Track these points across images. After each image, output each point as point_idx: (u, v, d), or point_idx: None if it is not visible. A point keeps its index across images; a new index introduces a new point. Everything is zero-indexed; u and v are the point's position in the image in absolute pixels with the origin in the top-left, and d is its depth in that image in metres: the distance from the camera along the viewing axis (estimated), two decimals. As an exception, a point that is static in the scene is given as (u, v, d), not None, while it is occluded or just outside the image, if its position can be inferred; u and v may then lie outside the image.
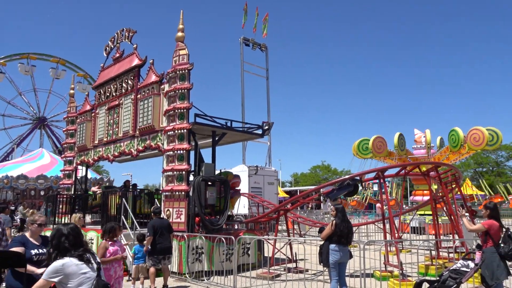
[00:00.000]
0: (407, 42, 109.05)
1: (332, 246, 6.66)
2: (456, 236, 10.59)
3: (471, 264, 5.96)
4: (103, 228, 6.06)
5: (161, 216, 8.95)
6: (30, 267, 4.12)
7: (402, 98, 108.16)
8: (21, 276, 4.10)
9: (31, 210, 10.11)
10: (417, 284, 6.24)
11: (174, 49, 11.26)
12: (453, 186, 11.77)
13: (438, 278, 6.17)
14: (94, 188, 14.15)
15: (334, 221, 6.82)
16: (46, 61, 45.82)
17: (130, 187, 13.96)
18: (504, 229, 5.98)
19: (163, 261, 8.36)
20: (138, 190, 14.14)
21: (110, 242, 5.94)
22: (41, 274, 3.81)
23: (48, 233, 13.04)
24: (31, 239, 4.47)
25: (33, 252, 4.34)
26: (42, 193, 30.75)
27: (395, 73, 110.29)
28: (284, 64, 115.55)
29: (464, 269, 5.94)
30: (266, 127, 12.48)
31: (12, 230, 14.85)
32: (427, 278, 7.01)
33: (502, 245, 5.77)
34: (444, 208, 11.59)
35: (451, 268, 6.11)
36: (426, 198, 16.50)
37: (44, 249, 4.36)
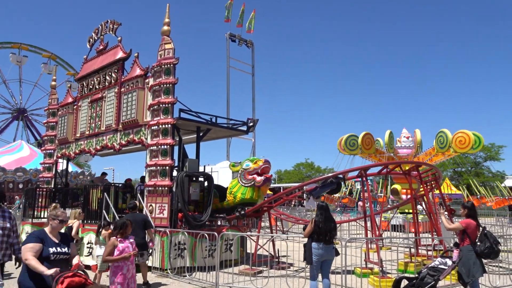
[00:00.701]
0: (395, 40, 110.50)
1: (313, 244, 6.69)
2: (435, 234, 10.83)
3: (449, 262, 6.11)
4: (114, 223, 5.80)
5: (136, 211, 8.68)
6: (40, 267, 3.80)
7: (387, 97, 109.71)
8: (36, 276, 3.80)
9: (53, 204, 9.65)
10: (396, 281, 6.35)
11: (159, 43, 11.13)
12: (433, 185, 12.02)
13: (417, 275, 6.30)
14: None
15: (313, 219, 6.86)
16: (38, 54, 44.93)
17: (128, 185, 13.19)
18: (480, 228, 6.14)
19: (137, 257, 8.14)
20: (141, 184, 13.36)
21: (119, 239, 5.55)
22: (51, 275, 3.65)
23: (28, 228, 12.59)
24: (50, 235, 4.10)
25: (51, 250, 3.97)
26: (20, 186, 30.08)
27: (381, 72, 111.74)
28: (270, 60, 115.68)
29: (442, 266, 6.08)
30: (251, 124, 12.47)
31: None
32: (406, 275, 7.14)
33: (478, 243, 5.93)
34: (424, 207, 11.83)
35: (430, 266, 6.25)
36: (406, 196, 16.81)
37: (64, 248, 4.07)
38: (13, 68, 45.91)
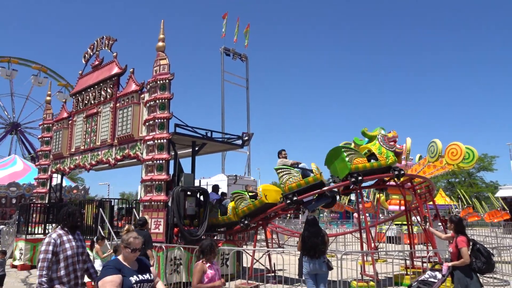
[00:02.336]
0: (392, 48, 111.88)
1: (303, 258, 6.75)
2: (430, 247, 10.89)
3: (439, 275, 6.15)
4: (199, 246, 5.11)
5: (144, 229, 8.59)
6: None
7: (382, 106, 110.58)
8: None
9: (126, 226, 8.98)
10: None
11: (154, 58, 11.25)
12: (427, 197, 12.13)
13: None
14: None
15: (302, 234, 6.91)
16: (28, 67, 44.89)
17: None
18: (471, 243, 6.10)
19: None
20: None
21: (208, 265, 4.87)
22: None
23: (21, 244, 12.49)
24: (126, 264, 3.62)
25: (133, 279, 3.52)
26: (13, 201, 29.78)
27: (376, 81, 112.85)
28: (264, 72, 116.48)
29: (432, 279, 6.13)
30: (246, 138, 12.57)
31: None
32: None
33: (473, 260, 5.88)
34: (418, 219, 11.91)
35: (420, 279, 6.29)
36: (401, 208, 16.87)
37: (145, 275, 3.65)
38: (4, 82, 45.89)
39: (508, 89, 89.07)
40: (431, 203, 13.20)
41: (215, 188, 12.28)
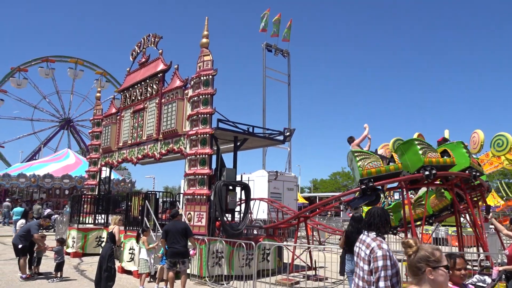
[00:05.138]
0: (427, 43, 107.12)
1: (346, 255, 6.62)
2: (481, 250, 10.33)
3: (488, 280, 5.80)
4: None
5: (178, 219, 8.78)
6: None
7: (423, 103, 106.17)
8: None
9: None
10: None
11: (198, 54, 11.45)
12: (479, 198, 11.50)
13: None
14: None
15: (345, 230, 6.79)
16: (65, 62, 47.47)
17: None
18: None
19: (179, 265, 8.15)
20: None
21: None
22: None
23: (74, 233, 13.15)
24: None
25: None
26: (66, 192, 31.63)
27: (417, 78, 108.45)
28: (306, 68, 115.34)
29: (481, 284, 5.79)
30: (288, 134, 12.49)
31: None
32: None
33: None
34: (468, 220, 11.32)
35: (467, 283, 5.96)
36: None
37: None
38: (49, 82, 48.85)
39: None
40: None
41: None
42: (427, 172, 9.08)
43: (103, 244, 12.42)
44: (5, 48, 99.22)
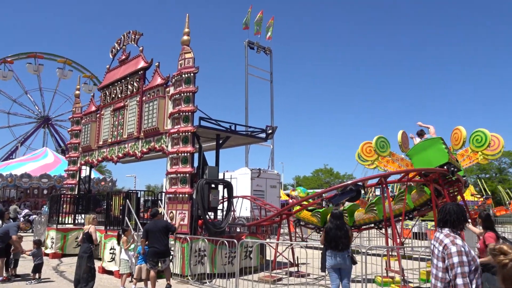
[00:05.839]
0: (411, 43, 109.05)
1: (327, 251, 6.71)
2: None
3: None
4: None
5: (158, 218, 8.76)
6: None
7: (406, 100, 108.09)
8: None
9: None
10: None
11: (179, 52, 11.35)
12: (456, 193, 11.78)
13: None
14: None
15: (325, 227, 6.87)
16: (53, 61, 46.33)
17: None
18: (500, 240, 5.91)
19: (161, 263, 8.23)
20: None
21: None
22: None
23: (53, 233, 12.91)
24: None
25: None
26: (45, 192, 30.92)
27: (400, 75, 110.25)
28: (289, 66, 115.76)
29: None
30: (270, 131, 12.53)
31: None
32: (422, 286, 7.03)
33: None
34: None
35: None
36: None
37: None
38: (33, 78, 47.55)
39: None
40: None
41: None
42: (452, 168, 10.00)
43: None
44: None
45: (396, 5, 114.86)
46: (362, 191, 10.34)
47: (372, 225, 12.26)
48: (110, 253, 10.59)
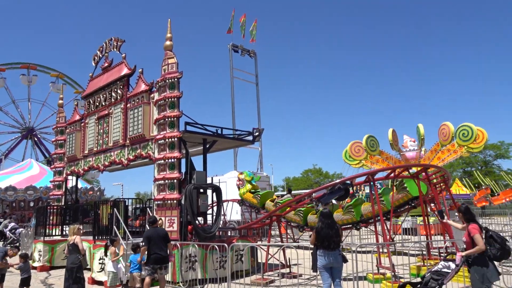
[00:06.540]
0: (400, 44, 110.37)
1: (318, 251, 6.68)
2: (447, 237, 10.73)
3: (452, 265, 6.01)
4: None
5: (157, 226, 8.78)
6: None
7: (394, 100, 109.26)
8: None
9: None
10: (400, 287, 6.30)
11: (162, 58, 11.28)
12: (442, 187, 11.94)
13: (421, 280, 6.24)
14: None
15: (316, 226, 6.85)
16: (46, 74, 45.92)
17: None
18: (484, 231, 5.96)
19: (160, 271, 8.17)
20: None
21: None
22: None
23: (40, 246, 12.58)
24: None
25: None
26: (31, 204, 30.36)
27: (386, 76, 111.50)
28: (274, 68, 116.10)
29: (446, 270, 6.00)
30: (256, 134, 12.53)
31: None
32: (412, 280, 7.08)
33: (488, 247, 5.75)
34: (434, 209, 11.74)
35: (433, 270, 6.18)
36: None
37: None
38: (22, 88, 46.93)
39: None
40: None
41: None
42: None
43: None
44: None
45: (379, 7, 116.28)
46: (351, 190, 10.39)
47: (350, 225, 12.32)
48: (100, 263, 10.43)
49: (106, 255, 8.97)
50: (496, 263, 5.95)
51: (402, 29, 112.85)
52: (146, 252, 8.12)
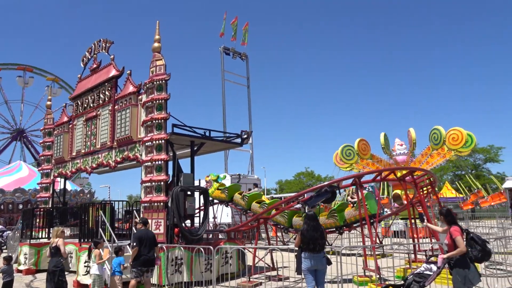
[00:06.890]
0: (392, 47, 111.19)
1: (302, 254, 6.69)
2: (434, 239, 10.80)
3: (434, 268, 6.06)
4: None
5: (148, 227, 8.74)
6: None
7: (385, 103, 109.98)
8: None
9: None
10: None
11: (151, 59, 11.25)
12: (429, 190, 12.02)
13: (403, 282, 6.27)
14: None
15: (301, 229, 6.86)
16: (12, 70, 45.33)
17: None
18: (464, 233, 6.01)
19: (146, 273, 8.12)
20: None
21: None
22: None
23: (26, 249, 12.49)
24: None
25: None
26: (20, 206, 30.01)
27: (377, 79, 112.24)
28: (265, 71, 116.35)
29: (428, 272, 6.05)
30: (245, 136, 12.53)
31: None
32: (396, 283, 7.11)
33: (469, 249, 5.79)
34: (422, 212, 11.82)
35: (415, 272, 6.23)
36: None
37: None
38: (16, 89, 46.67)
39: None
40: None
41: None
42: None
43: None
44: None
45: (370, 10, 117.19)
46: (338, 193, 10.42)
47: (334, 229, 12.36)
48: (85, 266, 10.33)
49: (89, 257, 8.87)
50: (481, 265, 6.00)
51: (400, 30, 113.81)
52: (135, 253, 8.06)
